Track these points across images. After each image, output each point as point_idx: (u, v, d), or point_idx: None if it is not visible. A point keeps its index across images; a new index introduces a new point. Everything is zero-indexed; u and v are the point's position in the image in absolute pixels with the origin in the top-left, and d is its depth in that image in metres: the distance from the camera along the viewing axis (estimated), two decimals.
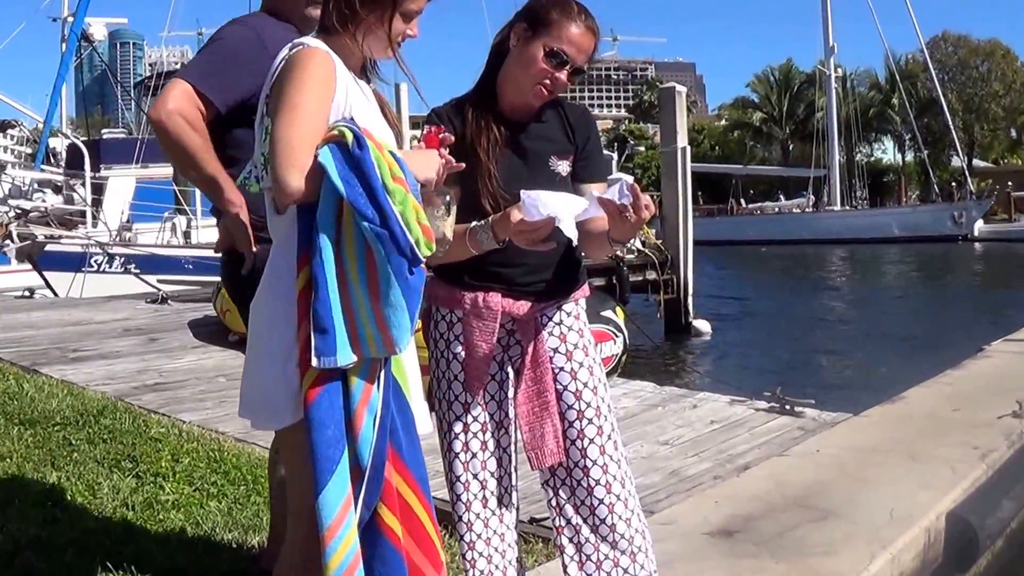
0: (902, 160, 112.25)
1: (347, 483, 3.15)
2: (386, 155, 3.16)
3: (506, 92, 4.05)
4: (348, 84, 3.42)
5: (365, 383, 3.21)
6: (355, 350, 3.16)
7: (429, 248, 3.15)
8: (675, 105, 28.03)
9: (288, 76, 3.30)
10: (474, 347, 3.99)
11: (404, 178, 3.14)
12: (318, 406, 3.15)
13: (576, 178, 4.13)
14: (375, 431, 3.20)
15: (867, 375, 19.63)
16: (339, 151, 3.13)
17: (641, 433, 8.67)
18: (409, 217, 3.09)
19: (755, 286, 43.85)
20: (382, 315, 3.13)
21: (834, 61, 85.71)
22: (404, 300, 3.10)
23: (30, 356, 13.03)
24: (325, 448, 3.12)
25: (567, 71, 3.92)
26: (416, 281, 3.13)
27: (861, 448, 7.46)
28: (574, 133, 4.15)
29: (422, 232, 3.12)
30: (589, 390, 4.06)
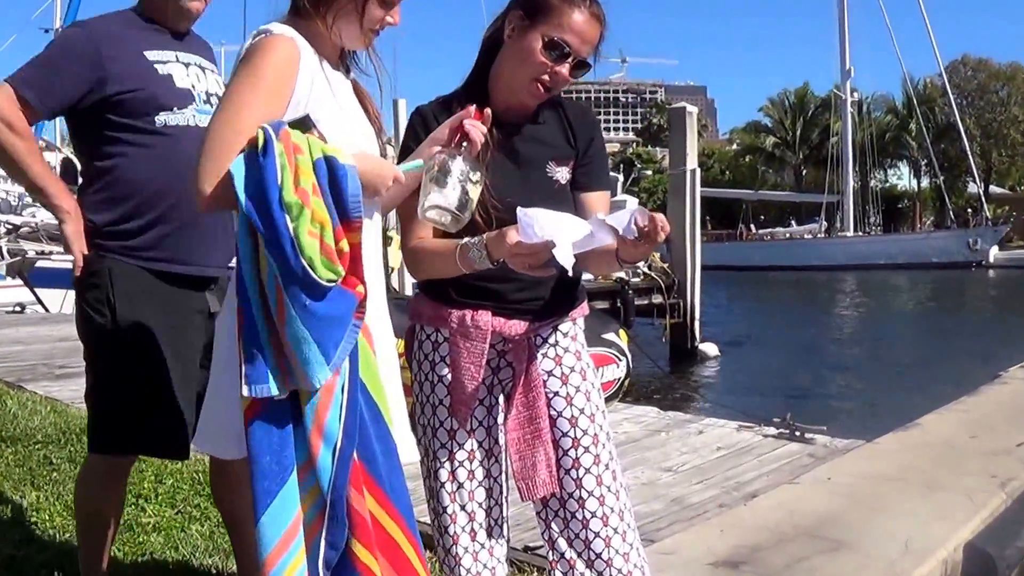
0: (917, 186, 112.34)
1: (292, 513, 3.01)
2: (301, 159, 2.93)
3: (499, 89, 3.74)
4: (315, 75, 3.24)
5: (317, 411, 3.01)
6: (284, 380, 2.98)
7: (331, 271, 2.91)
8: (685, 126, 27.96)
9: (239, 67, 3.14)
10: (461, 369, 3.71)
11: (315, 187, 2.92)
12: (253, 435, 2.99)
13: (576, 186, 3.84)
14: (335, 462, 3.01)
15: (880, 401, 19.42)
16: (251, 157, 2.94)
17: (643, 459, 8.45)
18: (302, 234, 2.85)
19: (764, 311, 43.75)
20: (289, 347, 2.94)
21: (850, 85, 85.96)
22: (306, 330, 2.90)
23: (16, 372, 12.88)
24: (260, 479, 2.98)
25: (569, 64, 3.59)
26: (325, 308, 2.92)
27: (875, 476, 7.27)
28: (575, 136, 3.84)
29: (321, 252, 2.88)
30: (586, 417, 3.81)
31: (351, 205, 2.95)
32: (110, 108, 4.35)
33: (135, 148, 4.38)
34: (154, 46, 4.47)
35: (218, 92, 4.57)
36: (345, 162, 2.97)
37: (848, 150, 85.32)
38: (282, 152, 2.89)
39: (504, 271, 3.43)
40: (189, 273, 4.46)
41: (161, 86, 4.40)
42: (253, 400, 2.97)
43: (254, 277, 2.96)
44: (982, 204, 79.49)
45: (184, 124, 4.41)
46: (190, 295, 4.47)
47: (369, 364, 3.17)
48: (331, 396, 3.01)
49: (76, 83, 4.30)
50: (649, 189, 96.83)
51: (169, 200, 4.36)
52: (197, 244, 4.45)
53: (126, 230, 4.39)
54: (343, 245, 2.93)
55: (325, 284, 2.88)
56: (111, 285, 4.38)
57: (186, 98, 4.46)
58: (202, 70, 4.60)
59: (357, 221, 2.97)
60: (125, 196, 4.40)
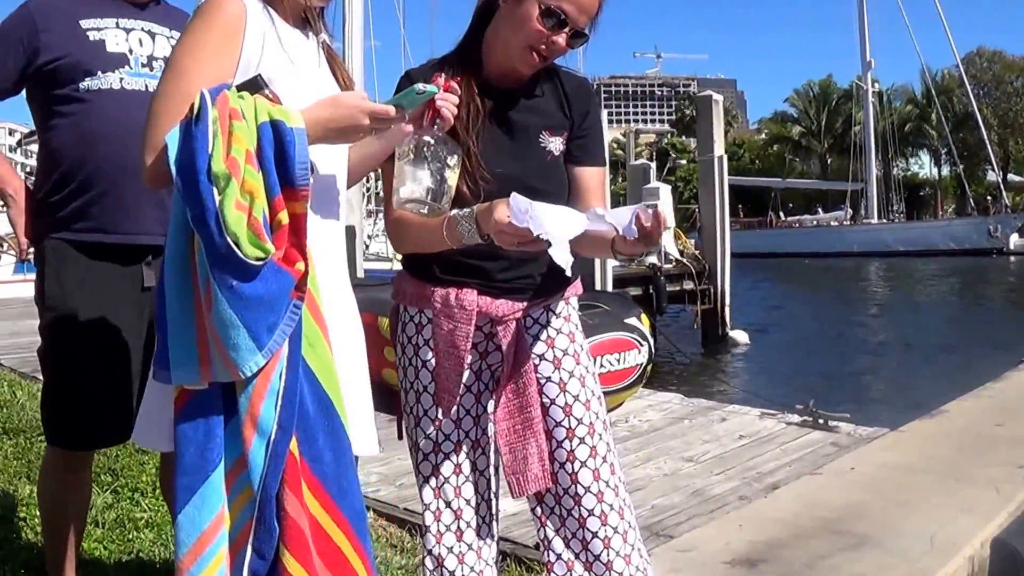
0: (938, 174, 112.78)
1: (212, 513, 2.64)
2: (237, 125, 2.55)
3: (493, 55, 3.36)
4: (267, 35, 2.86)
5: (251, 400, 2.61)
6: (203, 369, 2.61)
7: (258, 248, 2.51)
8: (712, 114, 27.66)
9: (184, 31, 2.82)
10: (445, 352, 3.31)
11: (250, 155, 2.53)
12: (179, 427, 2.66)
13: (570, 159, 3.47)
14: (266, 459, 2.61)
15: (904, 388, 18.96)
16: (186, 126, 2.59)
17: (665, 448, 8.17)
18: (228, 207, 2.47)
19: (793, 298, 43.41)
20: (215, 332, 2.55)
21: (871, 76, 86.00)
22: (234, 314, 2.51)
23: (32, 362, 12.45)
24: (182, 474, 2.66)
25: (566, 34, 3.22)
26: (255, 288, 2.52)
27: (899, 466, 6.96)
28: (570, 107, 3.46)
29: (249, 228, 2.49)
30: (580, 404, 3.39)
31: (297, 172, 2.58)
32: (43, 79, 4.14)
33: (60, 118, 4.14)
34: (94, 15, 4.21)
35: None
36: (294, 125, 2.61)
37: (870, 139, 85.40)
38: (215, 119, 2.54)
39: (492, 247, 3.04)
40: (117, 242, 4.13)
41: (88, 52, 4.12)
42: (183, 389, 2.65)
43: (181, 253, 2.61)
44: (1001, 192, 79.30)
45: (106, 88, 4.10)
46: (121, 269, 4.17)
47: (320, 349, 2.78)
48: (267, 383, 2.63)
49: (16, 58, 4.12)
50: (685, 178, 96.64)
51: (88, 167, 4.09)
52: (126, 212, 4.12)
53: (55, 202, 4.16)
54: (282, 216, 2.56)
55: (253, 263, 2.50)
56: (47, 268, 4.18)
57: (115, 62, 4.15)
58: (151, 36, 4.31)
59: (303, 189, 2.60)
60: (53, 168, 4.18)
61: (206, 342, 2.57)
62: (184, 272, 2.58)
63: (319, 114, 2.72)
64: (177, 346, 2.59)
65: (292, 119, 2.61)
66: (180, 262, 2.59)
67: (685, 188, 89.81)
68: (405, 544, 5.70)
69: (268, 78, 2.72)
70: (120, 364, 4.11)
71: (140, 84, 4.13)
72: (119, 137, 3.98)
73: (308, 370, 2.71)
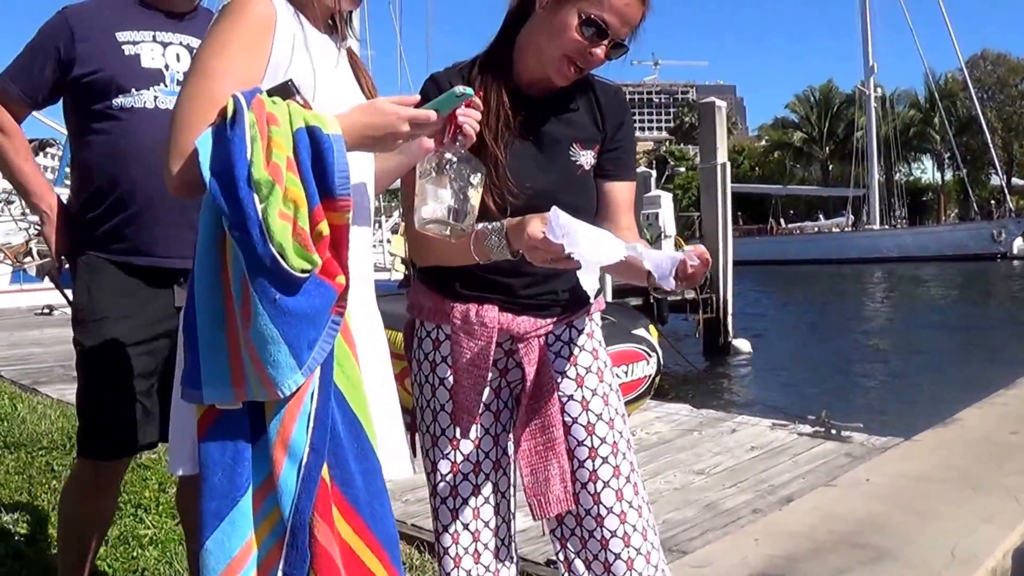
0: (941, 179, 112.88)
1: (242, 539, 2.54)
2: (276, 131, 2.44)
3: (525, 62, 3.25)
4: (296, 36, 2.76)
5: (282, 421, 2.52)
6: (237, 389, 2.51)
7: (305, 259, 2.41)
8: (715, 121, 27.58)
9: (210, 31, 2.67)
10: (464, 372, 3.22)
11: (290, 162, 2.43)
12: (205, 449, 2.55)
13: (601, 173, 3.36)
14: (298, 483, 2.52)
15: (915, 395, 18.90)
16: (219, 131, 2.47)
17: (675, 461, 8.10)
18: (272, 216, 2.36)
19: (796, 306, 43.39)
20: (253, 348, 2.45)
21: (874, 81, 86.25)
22: (275, 329, 2.40)
23: (32, 374, 12.72)
24: (209, 499, 2.53)
25: (606, 46, 3.12)
26: (299, 303, 2.42)
27: (915, 476, 6.91)
28: (603, 119, 3.36)
29: (294, 238, 2.39)
30: (604, 423, 3.30)
31: (336, 181, 2.46)
32: (78, 92, 4.09)
33: (94, 134, 4.09)
34: (130, 27, 4.15)
35: None
36: (331, 131, 2.50)
37: (873, 144, 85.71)
38: (253, 123, 2.42)
39: (515, 263, 2.97)
40: (151, 265, 4.10)
41: (122, 67, 4.05)
42: (209, 408, 2.55)
43: (213, 267, 2.50)
44: (1005, 196, 79.45)
45: (140, 106, 4.05)
46: (157, 290, 4.13)
47: (348, 369, 2.68)
48: (300, 405, 2.53)
49: (53, 69, 4.09)
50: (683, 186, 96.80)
51: (121, 187, 4.05)
52: (158, 235, 4.08)
53: (91, 220, 4.12)
54: (322, 227, 2.45)
55: (299, 275, 2.39)
56: (81, 281, 4.15)
57: (150, 79, 4.08)
58: (189, 51, 4.21)
59: (343, 200, 2.48)
60: (86, 184, 4.14)
61: (240, 359, 2.48)
62: (216, 286, 2.49)
63: (356, 120, 2.61)
64: (209, 364, 2.50)
65: (329, 125, 2.51)
66: (211, 275, 2.50)
67: (684, 196, 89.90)
68: (414, 561, 5.64)
69: (298, 84, 2.63)
70: (152, 380, 4.10)
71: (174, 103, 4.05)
72: (152, 158, 3.80)
73: (337, 391, 2.62)
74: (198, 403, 2.53)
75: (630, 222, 3.36)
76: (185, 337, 2.54)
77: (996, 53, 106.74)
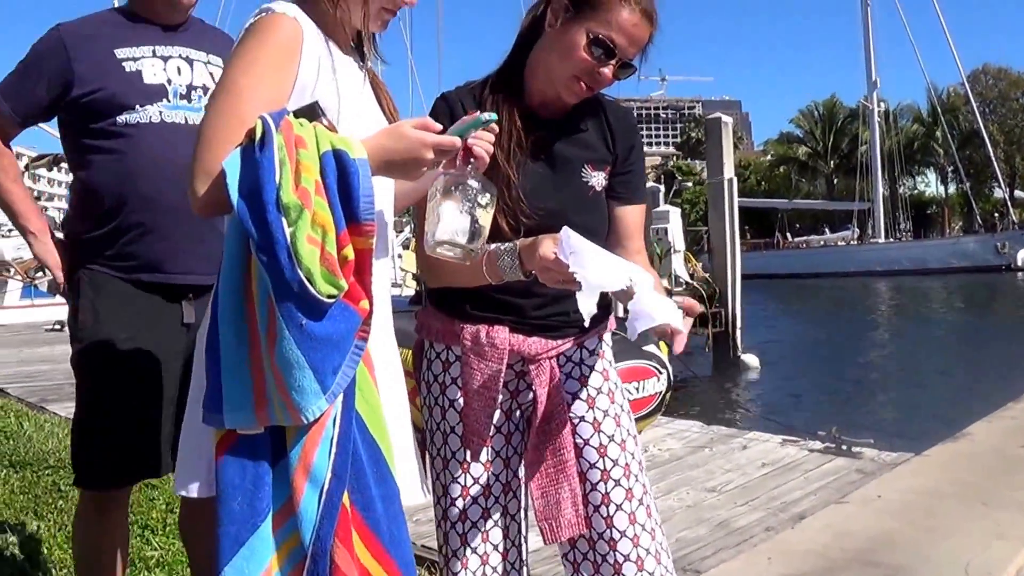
0: (945, 192, 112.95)
1: (262, 565, 2.49)
2: (304, 154, 2.42)
3: (535, 81, 3.25)
4: (322, 59, 2.74)
5: (304, 446, 2.49)
6: (259, 413, 2.47)
7: (333, 285, 2.38)
8: (722, 136, 27.57)
9: (236, 50, 2.64)
10: (475, 392, 3.19)
11: (319, 185, 2.40)
12: (223, 472, 2.50)
13: (612, 195, 3.35)
14: (320, 508, 2.48)
15: (925, 409, 18.77)
16: (247, 152, 2.44)
17: (687, 479, 8.06)
18: (300, 241, 2.33)
19: (803, 319, 43.26)
20: (278, 373, 2.41)
21: (877, 96, 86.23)
22: (301, 354, 2.37)
23: (40, 392, 12.64)
24: (228, 523, 2.48)
25: (613, 65, 3.12)
26: (325, 328, 2.39)
27: (926, 492, 6.86)
28: (614, 140, 3.35)
29: (322, 263, 2.36)
30: (616, 444, 3.26)
31: (362, 206, 2.44)
32: (77, 112, 4.01)
33: (97, 153, 4.02)
34: (128, 43, 4.10)
35: (207, 84, 4.19)
36: (357, 156, 2.47)
37: (877, 158, 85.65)
38: (282, 145, 2.40)
39: (526, 283, 2.96)
40: (159, 281, 4.04)
41: (124, 84, 4.00)
42: (228, 431, 2.51)
43: (237, 288, 2.48)
44: (1008, 208, 79.37)
45: (145, 122, 3.99)
46: (163, 306, 4.07)
47: (368, 394, 2.65)
48: (322, 430, 2.50)
49: (47, 88, 4.01)
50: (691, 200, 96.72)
51: (130, 205, 3.98)
52: (168, 251, 4.03)
53: (95, 239, 4.04)
54: (348, 252, 2.42)
55: (325, 301, 2.37)
56: (82, 299, 4.06)
57: (153, 95, 4.03)
58: (189, 63, 4.18)
59: (368, 224, 2.46)
60: (91, 203, 4.05)
61: (263, 383, 2.45)
62: (240, 307, 2.46)
63: (380, 145, 2.59)
64: (232, 388, 2.46)
65: (355, 149, 2.48)
66: (236, 298, 2.47)
67: (691, 210, 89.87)
68: None
69: (324, 106, 2.60)
70: (155, 401, 4.00)
71: (180, 117, 4.03)
72: (160, 173, 3.89)
73: (357, 416, 2.59)
74: (219, 427, 2.49)
75: (640, 245, 3.34)
76: (208, 359, 2.52)
77: (997, 67, 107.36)
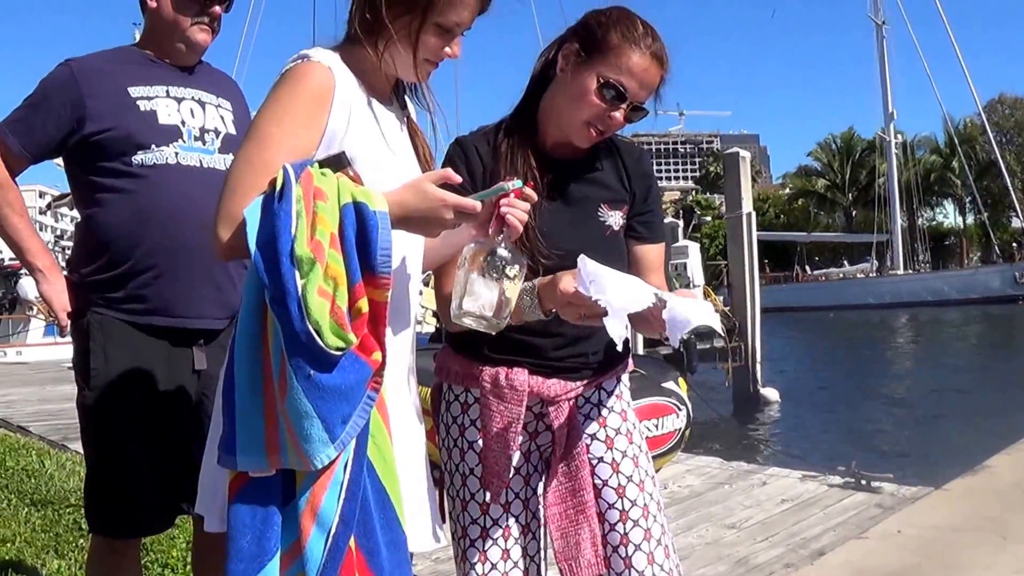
0: (963, 223, 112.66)
1: None
2: (321, 206, 2.41)
3: (549, 124, 3.25)
4: (355, 107, 2.73)
5: (313, 490, 2.48)
6: (271, 457, 2.47)
7: (340, 338, 2.37)
8: (739, 171, 27.58)
9: (268, 97, 2.65)
10: (494, 435, 3.16)
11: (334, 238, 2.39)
12: (235, 511, 2.50)
13: (631, 234, 3.36)
14: (324, 553, 2.47)
15: (944, 442, 18.63)
16: (267, 202, 2.44)
17: (707, 515, 7.98)
18: (311, 293, 2.32)
19: (823, 352, 43.21)
20: (289, 420, 2.41)
21: (894, 128, 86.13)
22: (309, 404, 2.36)
23: (62, 430, 12.57)
24: (236, 561, 2.48)
25: (624, 109, 3.12)
26: (333, 379, 2.37)
27: (946, 527, 6.81)
28: (630, 180, 3.35)
29: (331, 316, 2.35)
30: (634, 485, 3.24)
31: (379, 259, 2.43)
32: (89, 149, 3.95)
33: (110, 192, 3.96)
34: (142, 81, 4.06)
35: (219, 128, 4.16)
36: (377, 208, 2.47)
37: (894, 190, 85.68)
38: (299, 198, 2.40)
39: (545, 324, 2.97)
40: (171, 326, 3.99)
41: (139, 123, 3.95)
42: (240, 471, 2.50)
43: (254, 335, 2.47)
44: None
45: (161, 163, 3.94)
46: (174, 350, 4.01)
47: (381, 442, 2.64)
48: (331, 475, 2.49)
49: (58, 124, 3.95)
50: (710, 234, 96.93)
51: (143, 248, 3.91)
52: (180, 295, 3.97)
53: (105, 280, 3.97)
54: (362, 304, 2.42)
55: (333, 353, 2.36)
56: (92, 343, 3.98)
57: (168, 135, 3.99)
58: (201, 105, 4.15)
59: (384, 277, 2.45)
60: (102, 244, 3.97)
61: (275, 428, 2.45)
62: (255, 356, 2.46)
63: (401, 200, 2.58)
64: (245, 432, 2.46)
65: (376, 202, 2.48)
66: (251, 345, 2.47)
67: (711, 244, 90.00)
68: None
69: (352, 156, 2.60)
70: (167, 448, 3.95)
71: (194, 159, 4.00)
72: (175, 216, 3.86)
73: (368, 463, 2.58)
74: (232, 468, 2.49)
75: (660, 282, 3.30)
76: (223, 402, 2.52)
77: (1013, 97, 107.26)
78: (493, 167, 3.18)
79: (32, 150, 4.02)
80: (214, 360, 3.92)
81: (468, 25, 2.83)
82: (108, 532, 4.05)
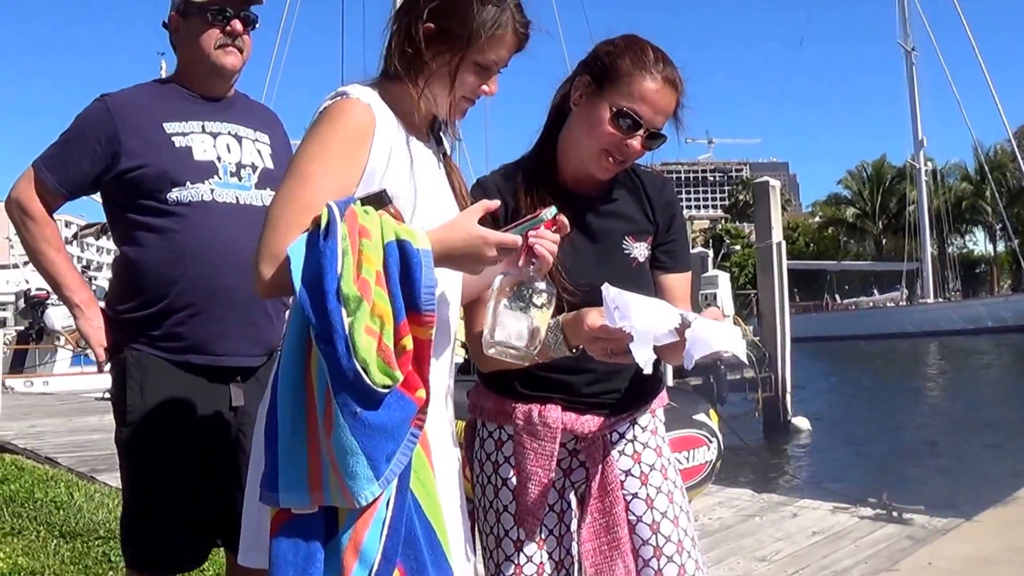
0: (994, 250, 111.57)
1: None
2: (366, 244, 2.47)
3: (568, 159, 3.28)
4: (394, 145, 2.79)
5: (355, 526, 2.51)
6: (314, 494, 2.51)
7: (388, 376, 2.42)
8: (769, 200, 27.56)
9: (308, 134, 2.71)
10: (528, 472, 3.19)
11: (380, 276, 2.45)
12: (277, 548, 2.54)
13: (657, 265, 3.38)
14: None
15: (975, 473, 18.52)
16: (312, 239, 2.49)
17: (737, 548, 7.97)
18: (358, 332, 2.38)
19: (852, 382, 42.81)
20: (333, 458, 2.45)
21: (924, 155, 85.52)
22: (355, 441, 2.40)
23: (90, 462, 12.47)
24: None
25: (640, 137, 3.14)
26: (379, 417, 2.42)
27: (977, 559, 6.80)
28: (653, 210, 3.38)
29: (379, 354, 2.40)
30: (668, 521, 3.26)
31: (423, 297, 2.49)
32: (124, 186, 4.00)
33: (146, 231, 4.00)
34: (177, 116, 4.09)
35: (256, 162, 4.19)
36: (420, 247, 2.52)
37: (925, 218, 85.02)
38: (345, 236, 2.46)
39: (576, 360, 2.99)
40: (208, 364, 4.01)
41: (174, 160, 3.99)
42: (282, 508, 2.54)
43: (297, 374, 2.52)
44: None
45: (196, 200, 3.98)
46: (211, 387, 4.04)
47: (424, 477, 2.69)
48: (374, 512, 2.53)
49: (93, 160, 4.00)
50: (739, 263, 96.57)
51: (180, 286, 3.96)
52: (217, 334, 4.00)
53: (142, 318, 4.00)
54: (406, 342, 2.47)
55: (380, 391, 2.40)
56: (129, 380, 3.99)
57: (204, 171, 4.02)
58: (238, 140, 4.18)
59: (428, 315, 2.50)
60: (139, 282, 4.01)
61: (319, 465, 2.49)
62: (299, 391, 2.51)
63: (444, 238, 2.62)
64: (288, 469, 2.50)
65: (419, 240, 2.53)
66: (295, 382, 2.51)
67: (740, 273, 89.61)
68: None
69: (393, 194, 2.66)
70: (203, 484, 3.98)
71: (231, 196, 4.02)
72: (211, 254, 3.89)
73: (413, 498, 2.63)
74: (274, 505, 2.53)
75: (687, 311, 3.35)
76: (265, 439, 2.57)
77: None
78: (515, 205, 3.20)
79: (68, 187, 4.08)
80: (251, 397, 3.95)
81: (505, 63, 2.88)
82: (143, 567, 4.06)
